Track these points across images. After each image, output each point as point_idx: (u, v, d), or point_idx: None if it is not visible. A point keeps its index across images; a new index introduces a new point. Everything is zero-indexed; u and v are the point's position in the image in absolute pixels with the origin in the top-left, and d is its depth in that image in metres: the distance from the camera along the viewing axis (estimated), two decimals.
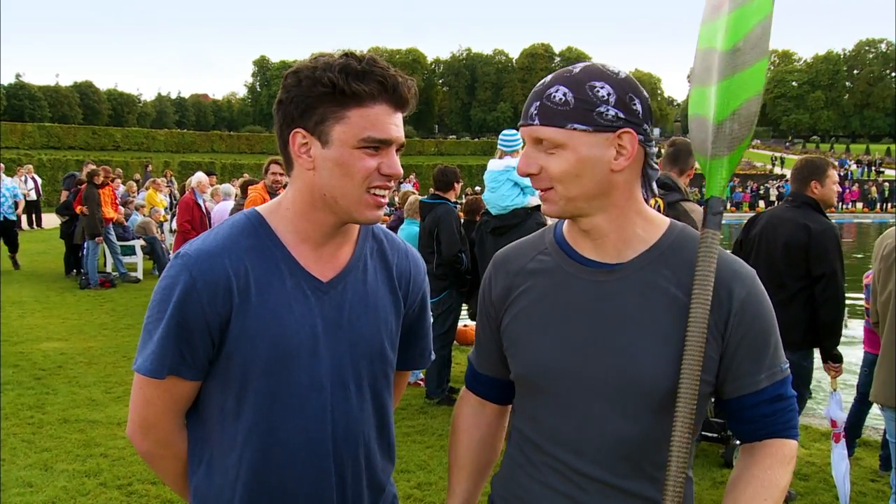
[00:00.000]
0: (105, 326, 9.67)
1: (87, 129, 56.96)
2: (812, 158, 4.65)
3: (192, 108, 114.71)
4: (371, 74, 1.48)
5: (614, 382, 1.46)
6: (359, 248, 1.68)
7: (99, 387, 6.90)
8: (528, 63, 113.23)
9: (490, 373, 1.74)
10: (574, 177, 1.43)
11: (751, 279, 1.50)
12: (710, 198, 1.52)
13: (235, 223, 1.60)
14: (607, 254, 1.52)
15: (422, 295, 1.81)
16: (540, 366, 1.53)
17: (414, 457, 5.24)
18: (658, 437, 1.46)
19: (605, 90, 1.43)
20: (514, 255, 1.66)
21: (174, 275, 1.51)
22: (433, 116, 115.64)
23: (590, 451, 1.48)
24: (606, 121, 1.42)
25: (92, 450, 5.32)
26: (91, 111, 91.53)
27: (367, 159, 1.50)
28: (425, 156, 59.39)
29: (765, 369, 1.48)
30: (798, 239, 4.33)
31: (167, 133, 62.13)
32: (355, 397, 1.63)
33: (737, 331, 1.46)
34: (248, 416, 1.55)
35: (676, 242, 1.52)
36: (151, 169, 32.48)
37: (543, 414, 1.55)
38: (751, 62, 1.51)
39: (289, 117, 1.53)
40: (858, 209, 44.72)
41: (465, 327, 8.75)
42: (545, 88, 1.46)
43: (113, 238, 13.15)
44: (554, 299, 1.54)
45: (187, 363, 1.52)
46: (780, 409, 1.50)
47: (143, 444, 1.61)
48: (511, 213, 5.73)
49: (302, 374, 1.56)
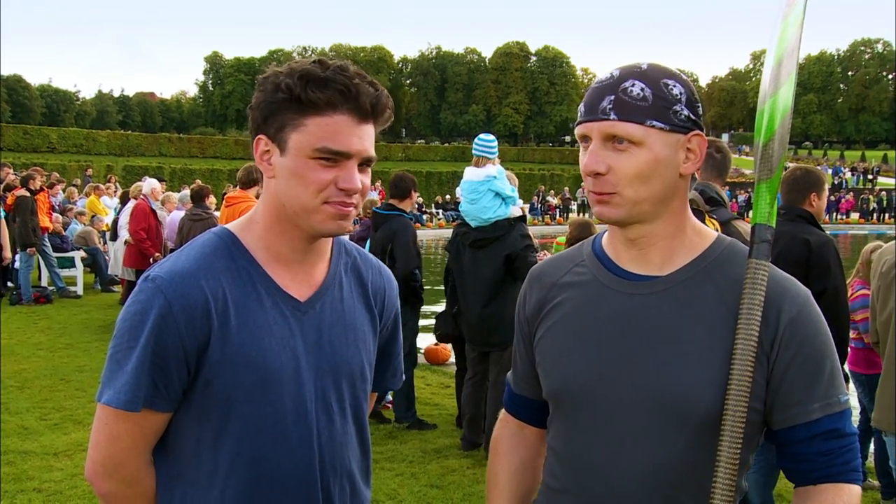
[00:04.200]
0: (40, 346, 9.51)
1: (17, 129, 55.84)
2: (811, 169, 4.72)
3: (138, 108, 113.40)
4: (332, 82, 1.49)
5: (647, 403, 1.45)
6: (333, 265, 1.71)
7: (33, 413, 6.76)
8: (502, 63, 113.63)
9: (527, 394, 1.76)
10: (646, 178, 1.44)
11: (804, 297, 1.49)
12: (755, 224, 1.52)
13: (206, 243, 1.61)
14: (651, 265, 1.52)
15: (395, 312, 1.85)
16: (569, 383, 1.54)
17: (383, 485, 5.18)
18: (697, 467, 1.44)
19: (677, 89, 1.47)
20: (550, 268, 1.68)
21: (146, 299, 1.51)
22: (400, 120, 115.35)
23: (621, 480, 1.47)
24: (680, 121, 1.45)
25: (24, 484, 5.19)
26: (21, 108, 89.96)
27: (322, 171, 1.51)
28: (392, 161, 59.30)
29: (818, 398, 1.45)
30: (798, 254, 4.37)
31: (110, 134, 61.31)
32: (339, 421, 1.66)
33: (785, 352, 1.45)
34: (230, 447, 1.55)
35: (723, 256, 1.52)
36: (92, 173, 32.12)
37: (571, 432, 1.55)
38: (787, 74, 1.53)
39: (255, 123, 1.57)
40: (854, 220, 45.37)
41: (437, 346, 8.77)
42: (617, 82, 1.46)
43: (49, 249, 12.96)
44: (588, 313, 1.55)
45: (161, 394, 1.52)
46: (837, 448, 1.46)
47: (105, 485, 1.59)
48: (493, 226, 5.71)
49: (286, 398, 1.57)
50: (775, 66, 1.55)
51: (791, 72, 1.53)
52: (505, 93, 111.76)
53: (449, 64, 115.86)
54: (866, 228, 41.18)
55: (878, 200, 46.88)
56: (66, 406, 6.97)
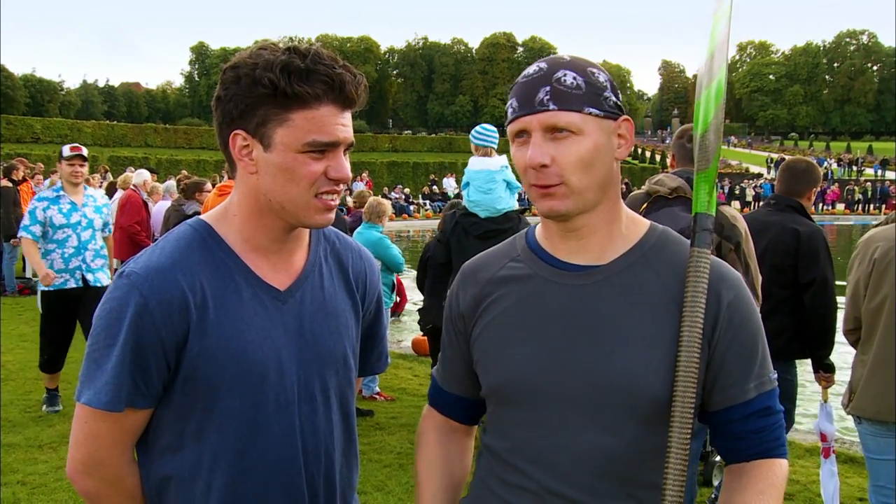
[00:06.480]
0: (24, 338, 9.44)
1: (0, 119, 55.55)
2: (813, 164, 4.74)
3: (123, 98, 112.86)
4: (315, 73, 1.47)
5: (592, 391, 1.45)
6: (312, 253, 1.69)
7: (16, 406, 6.72)
8: (489, 53, 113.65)
9: (456, 391, 1.74)
10: (588, 165, 1.45)
11: (738, 282, 1.52)
12: (696, 213, 1.54)
13: (182, 235, 1.59)
14: (590, 254, 1.52)
15: (377, 296, 1.84)
16: (513, 376, 1.52)
17: (371, 477, 5.16)
18: (643, 454, 1.45)
19: (602, 76, 1.49)
20: (484, 264, 1.66)
21: (121, 296, 1.49)
22: (387, 110, 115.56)
23: (566, 468, 1.47)
24: (610, 107, 1.47)
25: (7, 477, 5.15)
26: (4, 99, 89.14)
27: (313, 164, 1.50)
28: (379, 152, 59.10)
29: (753, 378, 1.49)
30: (787, 244, 4.37)
31: (95, 125, 60.77)
32: (322, 409, 1.65)
33: (725, 335, 1.48)
34: (213, 440, 1.54)
35: (659, 243, 1.54)
36: None
37: (515, 428, 1.53)
38: (718, 67, 1.58)
39: (228, 116, 1.52)
40: (839, 210, 45.71)
41: (424, 337, 8.74)
42: (549, 73, 1.46)
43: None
44: (528, 306, 1.54)
45: (141, 391, 1.50)
46: (768, 425, 1.51)
47: (86, 483, 1.57)
48: (503, 217, 5.62)
49: (269, 389, 1.56)
50: (708, 59, 1.60)
51: (722, 64, 1.57)
52: (492, 83, 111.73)
53: (436, 54, 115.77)
54: (852, 219, 41.50)
55: (863, 191, 47.18)
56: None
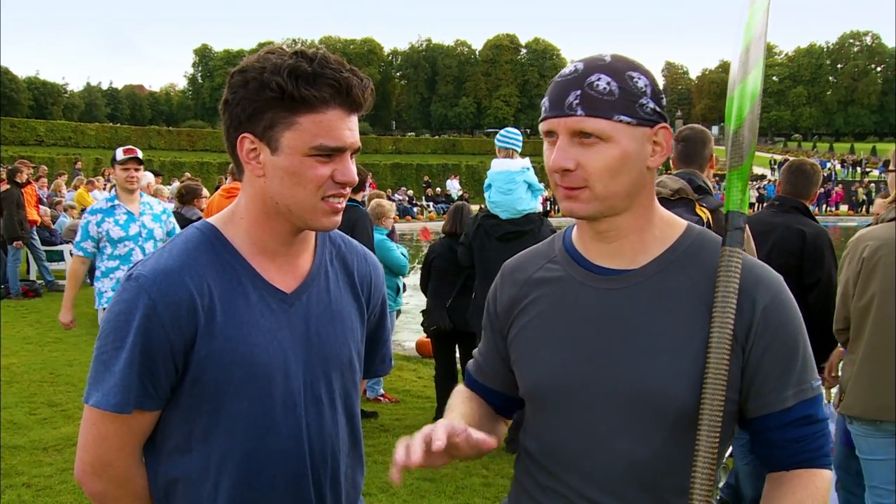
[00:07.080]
0: (29, 340, 9.47)
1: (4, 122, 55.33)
2: (817, 166, 4.74)
3: (126, 101, 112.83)
4: (323, 77, 1.48)
5: (623, 398, 1.45)
6: (318, 255, 1.70)
7: (22, 408, 6.72)
8: (492, 55, 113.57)
9: (490, 385, 1.74)
10: (615, 173, 1.42)
11: (777, 284, 1.49)
12: (728, 212, 1.52)
13: (189, 238, 1.60)
14: (622, 258, 1.51)
15: (382, 299, 1.85)
16: (545, 381, 1.53)
17: (376, 478, 5.17)
18: (675, 461, 1.44)
19: (642, 81, 1.45)
20: (523, 263, 1.66)
21: (129, 299, 1.50)
22: (390, 112, 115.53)
23: (599, 475, 1.47)
24: (646, 114, 1.44)
25: (13, 479, 5.15)
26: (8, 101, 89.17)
27: (320, 167, 1.51)
28: (382, 154, 59.21)
29: (792, 385, 1.46)
30: (792, 245, 4.37)
31: (98, 127, 60.86)
32: (328, 411, 1.66)
33: (760, 341, 1.44)
34: (221, 442, 1.55)
35: (694, 246, 1.51)
36: (81, 166, 31.86)
37: (547, 431, 1.54)
38: (755, 61, 1.53)
39: (236, 120, 1.53)
40: (843, 212, 45.58)
41: (428, 339, 8.73)
42: (582, 77, 1.43)
43: (37, 243, 12.89)
44: (562, 310, 1.54)
45: (149, 393, 1.51)
46: (809, 434, 1.47)
47: (95, 485, 1.58)
48: (524, 218, 5.65)
49: (275, 391, 1.57)
50: (743, 53, 1.55)
51: (759, 58, 1.52)
52: (495, 85, 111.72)
53: (439, 56, 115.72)
54: (855, 220, 41.37)
55: (867, 193, 47.08)
56: (56, 401, 6.93)
